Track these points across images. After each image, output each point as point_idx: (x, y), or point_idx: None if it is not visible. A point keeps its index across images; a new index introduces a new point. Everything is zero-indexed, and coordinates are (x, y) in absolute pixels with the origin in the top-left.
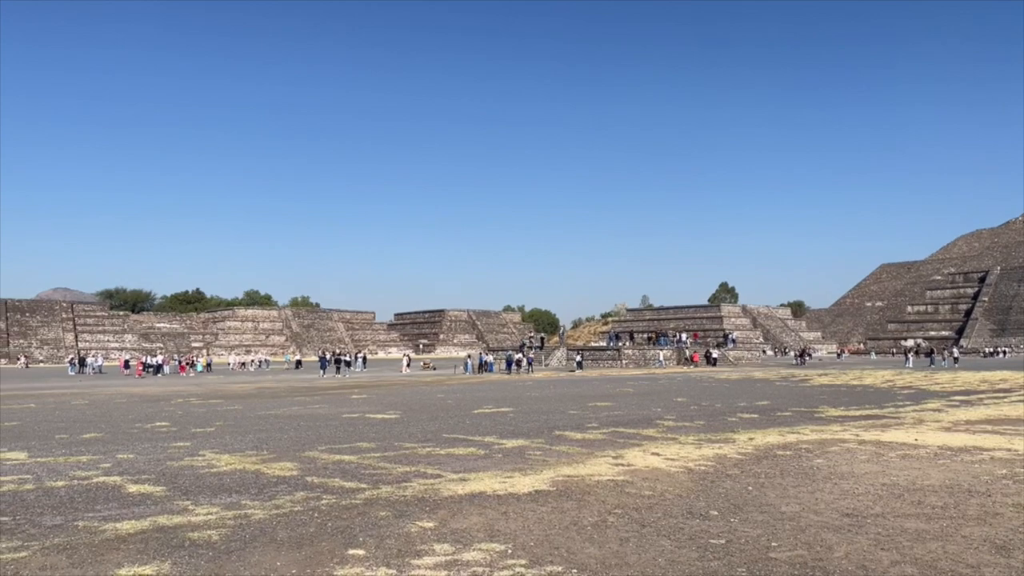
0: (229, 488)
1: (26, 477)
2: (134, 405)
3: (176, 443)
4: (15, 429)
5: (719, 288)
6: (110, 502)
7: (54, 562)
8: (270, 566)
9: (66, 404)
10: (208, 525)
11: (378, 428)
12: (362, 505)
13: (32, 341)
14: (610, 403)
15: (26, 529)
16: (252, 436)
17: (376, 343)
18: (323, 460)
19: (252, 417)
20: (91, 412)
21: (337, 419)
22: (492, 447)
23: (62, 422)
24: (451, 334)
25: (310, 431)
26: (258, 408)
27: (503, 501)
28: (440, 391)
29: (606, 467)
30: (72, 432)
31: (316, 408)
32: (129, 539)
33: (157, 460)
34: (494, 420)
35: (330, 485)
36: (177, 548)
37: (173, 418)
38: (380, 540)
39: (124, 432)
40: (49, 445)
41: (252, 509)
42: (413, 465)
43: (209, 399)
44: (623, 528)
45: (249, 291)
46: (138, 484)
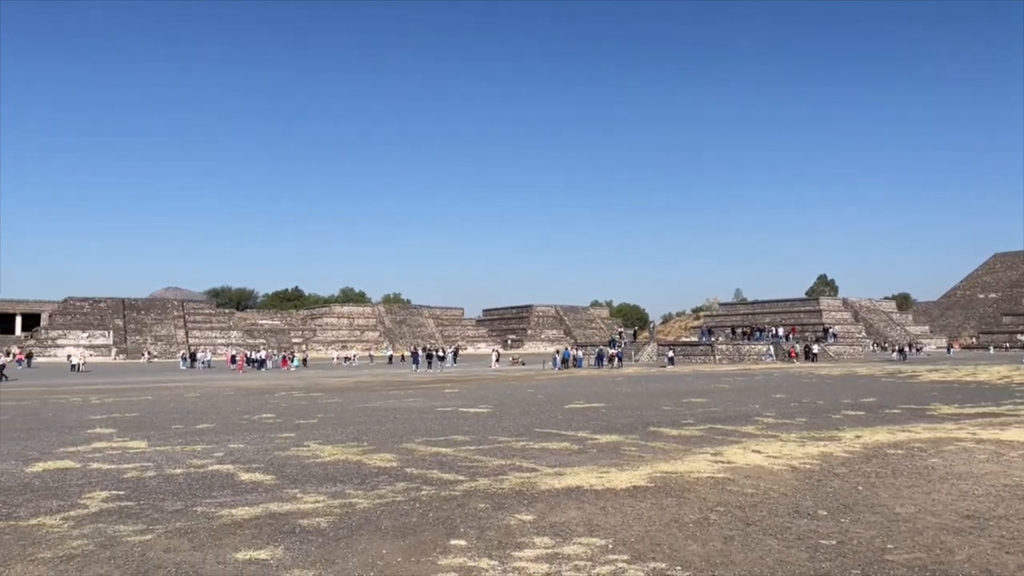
0: (333, 477)
1: (147, 465)
2: (241, 398)
3: (282, 434)
4: (136, 420)
5: (817, 281)
6: (224, 489)
7: (176, 545)
8: (376, 554)
9: (180, 397)
10: (316, 513)
11: (471, 422)
12: (461, 497)
13: (147, 338)
14: (705, 399)
15: (150, 514)
16: (352, 428)
17: (465, 339)
18: (421, 452)
19: (351, 410)
20: (203, 404)
21: (432, 412)
22: (586, 442)
23: (177, 413)
24: (539, 330)
25: (407, 424)
26: (356, 401)
27: (601, 496)
28: (530, 386)
29: (705, 464)
30: (187, 423)
31: (411, 402)
32: (244, 524)
33: (265, 450)
34: (586, 416)
35: (429, 476)
36: (288, 534)
37: (278, 410)
38: (481, 531)
39: (234, 423)
40: (166, 435)
41: (356, 498)
42: (508, 459)
43: (310, 392)
44: (726, 526)
45: (344, 288)
46: (249, 472)
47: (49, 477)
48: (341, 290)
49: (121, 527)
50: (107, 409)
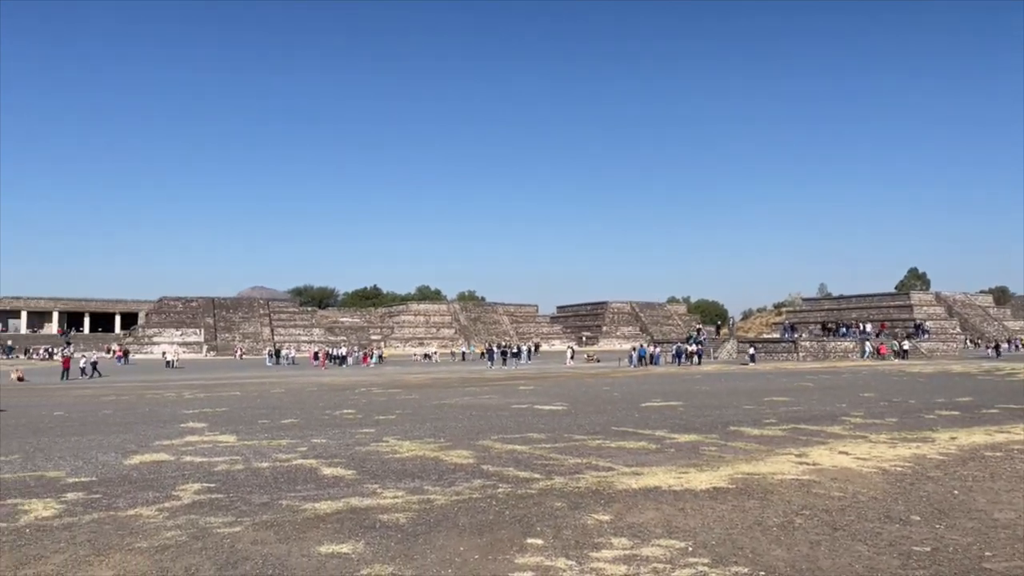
0: (412, 473)
1: (236, 458)
2: (323, 394)
3: (362, 429)
4: (225, 415)
5: (908, 274)
6: (308, 483)
7: (263, 537)
8: (454, 550)
9: (266, 392)
10: (395, 508)
11: (547, 419)
12: (537, 495)
13: (236, 335)
14: (788, 398)
15: (238, 506)
16: (429, 424)
17: (539, 335)
18: (496, 449)
19: (428, 406)
20: (287, 400)
21: (507, 409)
22: (663, 441)
23: (263, 408)
24: (614, 326)
25: (482, 420)
26: (433, 398)
27: (679, 497)
28: (605, 383)
29: (789, 466)
30: (272, 418)
31: (486, 398)
32: (327, 518)
33: (346, 445)
34: (663, 414)
35: (505, 474)
36: (369, 529)
37: (358, 406)
38: (557, 531)
39: (316, 418)
40: (253, 429)
41: (434, 495)
42: (584, 457)
43: (389, 388)
44: (812, 530)
45: (421, 287)
46: (331, 467)
47: (145, 469)
48: (417, 288)
49: (212, 519)
50: (198, 404)
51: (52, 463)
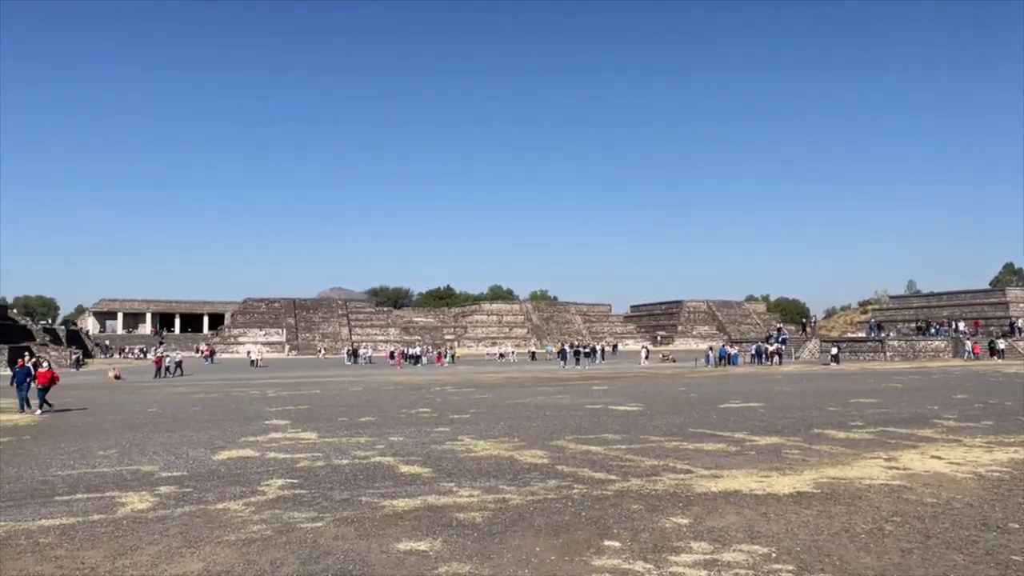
0: (487, 472)
1: (317, 455)
2: (399, 392)
3: (437, 428)
4: (306, 412)
5: (1003, 269)
6: (386, 481)
7: (344, 533)
8: (530, 551)
9: (344, 391)
10: (471, 507)
11: (622, 420)
12: (613, 497)
13: (315, 335)
14: (876, 399)
15: (320, 502)
16: (504, 424)
17: (613, 335)
18: (571, 450)
19: (502, 405)
20: (365, 398)
21: (581, 409)
22: (744, 444)
23: (343, 406)
24: (690, 325)
25: (556, 420)
26: (507, 397)
27: (761, 501)
28: (682, 384)
29: (877, 470)
30: (351, 416)
31: (560, 398)
32: (405, 516)
33: (422, 443)
34: (743, 415)
35: (580, 475)
36: (446, 527)
37: (433, 405)
38: (635, 533)
39: (393, 417)
40: (333, 427)
41: (509, 494)
42: (661, 459)
43: (463, 388)
44: (903, 538)
45: (493, 286)
46: (408, 465)
47: (233, 465)
48: (490, 288)
49: (295, 514)
50: (281, 402)
51: (146, 458)
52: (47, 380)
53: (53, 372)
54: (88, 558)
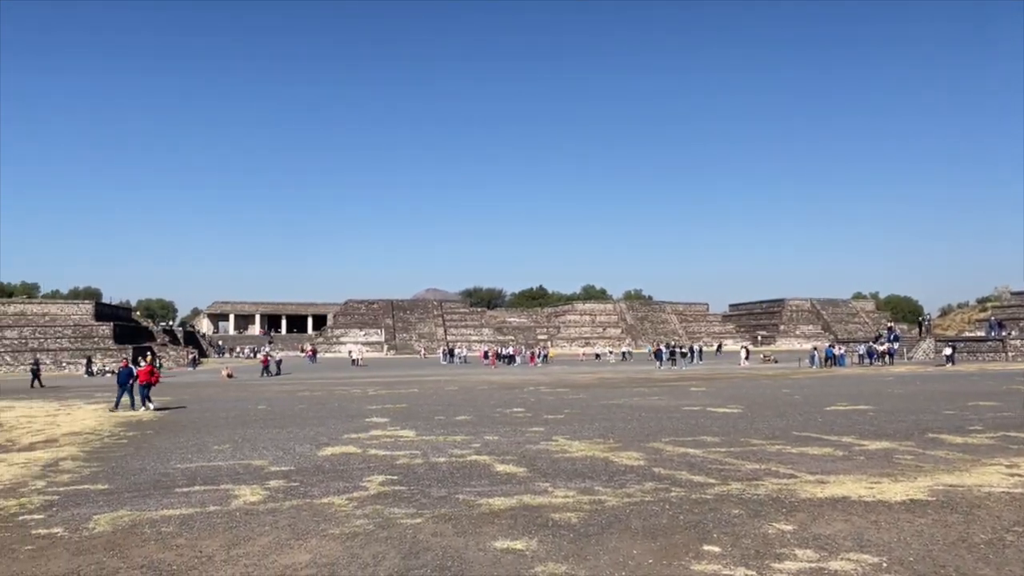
0: (582, 473)
1: (415, 453)
2: (493, 392)
3: (532, 428)
4: (405, 411)
5: None
6: (482, 479)
7: (442, 530)
8: (627, 553)
9: (441, 390)
10: (567, 508)
11: (721, 422)
12: (713, 501)
13: (412, 335)
14: (996, 402)
15: (419, 499)
16: (598, 424)
17: (710, 335)
18: (668, 452)
19: (596, 406)
20: (460, 397)
21: (678, 411)
22: (852, 448)
23: (439, 405)
24: (792, 325)
25: (652, 422)
26: (601, 398)
27: (871, 508)
28: (784, 385)
29: (998, 477)
30: (447, 414)
31: (655, 400)
32: (501, 514)
33: (517, 443)
34: (850, 418)
35: (678, 478)
36: (542, 527)
37: (527, 404)
38: (735, 539)
39: (488, 416)
40: (430, 425)
41: (605, 496)
42: (763, 463)
43: (556, 388)
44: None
45: (586, 286)
46: (504, 464)
47: (336, 460)
48: (583, 288)
49: (395, 510)
50: (381, 400)
51: (257, 453)
52: (147, 377)
53: (154, 370)
54: (205, 547)
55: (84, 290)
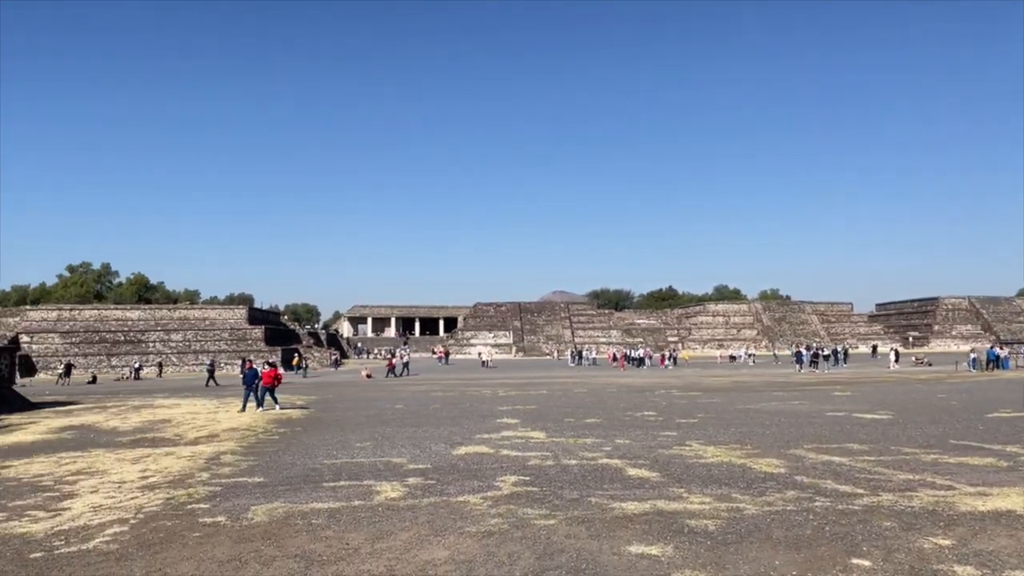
0: (718, 479)
1: (546, 454)
2: (623, 394)
3: (664, 432)
4: (534, 412)
5: None
6: (614, 483)
7: (576, 532)
8: (768, 563)
9: (569, 392)
10: (703, 514)
11: (868, 429)
12: (861, 512)
13: (540, 337)
14: None
15: (552, 500)
16: (734, 429)
17: (855, 336)
18: (811, 459)
19: (732, 410)
20: (589, 399)
21: (820, 417)
22: (1017, 459)
23: (568, 407)
24: (947, 325)
25: (793, 428)
26: (737, 402)
27: None
28: (940, 390)
29: None
30: (577, 416)
31: (796, 404)
32: (635, 519)
33: (649, 447)
34: (1016, 426)
35: (822, 487)
36: (677, 533)
37: (658, 408)
38: (887, 553)
39: (618, 419)
40: (560, 427)
41: (743, 503)
42: (916, 473)
43: (688, 391)
44: None
45: (718, 286)
46: (636, 468)
47: (470, 460)
48: (715, 288)
49: (528, 510)
50: (511, 401)
51: (396, 451)
52: (271, 380)
53: (278, 372)
54: (351, 539)
55: (238, 296)
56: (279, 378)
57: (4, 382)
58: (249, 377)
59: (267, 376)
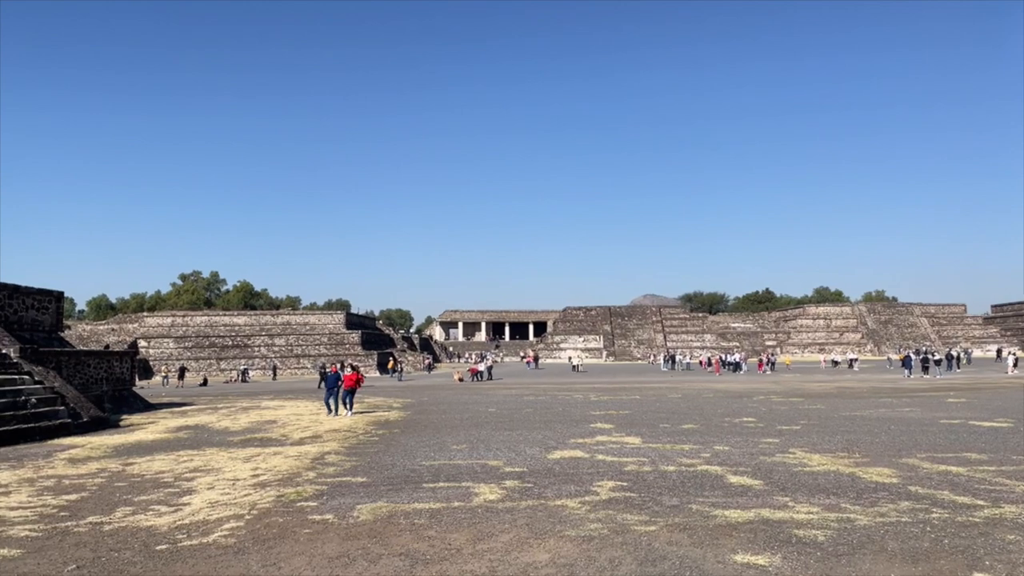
0: (825, 489)
1: (643, 460)
2: (720, 400)
3: (764, 439)
4: (628, 417)
5: None
6: (715, 490)
7: (678, 539)
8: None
9: (663, 397)
10: (811, 524)
11: (987, 437)
12: (983, 524)
13: (630, 341)
14: None
15: (651, 507)
16: (840, 437)
17: (969, 339)
18: (925, 469)
19: (837, 417)
20: (684, 405)
21: (934, 424)
22: None
23: (663, 412)
24: None
25: (904, 436)
26: (841, 408)
27: None
28: None
29: None
30: (672, 422)
31: (906, 411)
32: (739, 527)
33: (750, 454)
34: None
35: (938, 498)
36: (784, 543)
37: (758, 414)
38: (1012, 567)
39: (715, 425)
40: (656, 433)
41: (854, 514)
42: None
43: (789, 397)
44: None
45: (819, 288)
46: (737, 476)
47: (565, 464)
48: (815, 290)
49: (628, 516)
50: (603, 406)
51: (491, 453)
52: (353, 383)
53: (359, 375)
54: (453, 540)
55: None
56: (360, 381)
57: (125, 384)
58: (331, 380)
59: (349, 379)
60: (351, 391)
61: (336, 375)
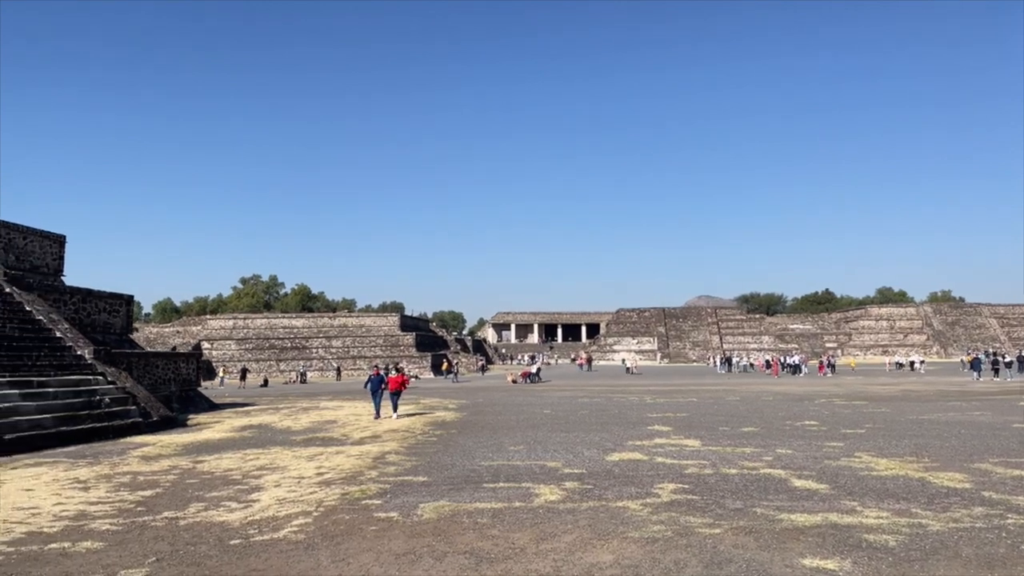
0: (894, 493)
1: (704, 463)
2: (780, 403)
3: (828, 443)
4: (685, 419)
5: None
6: (780, 493)
7: (743, 542)
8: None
9: (721, 399)
10: (881, 529)
11: None
12: None
13: (685, 343)
14: None
15: (714, 509)
16: (908, 441)
17: None
18: (998, 474)
19: (903, 421)
20: (743, 408)
21: (1006, 428)
22: None
23: (721, 415)
24: None
25: (975, 440)
26: (907, 412)
27: None
28: None
29: None
30: (731, 425)
31: (976, 415)
32: (806, 531)
33: (814, 458)
34: None
35: (1014, 503)
36: (854, 548)
37: (820, 417)
38: None
39: (777, 428)
40: (715, 436)
41: (925, 519)
42: None
43: (852, 400)
44: None
45: (881, 288)
46: (801, 479)
47: (624, 466)
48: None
49: (691, 518)
50: (660, 408)
51: (549, 455)
52: (398, 385)
53: (404, 377)
54: (516, 539)
55: (390, 304)
56: (406, 383)
57: (191, 385)
58: (375, 383)
59: (394, 381)
60: (396, 393)
61: (380, 377)
